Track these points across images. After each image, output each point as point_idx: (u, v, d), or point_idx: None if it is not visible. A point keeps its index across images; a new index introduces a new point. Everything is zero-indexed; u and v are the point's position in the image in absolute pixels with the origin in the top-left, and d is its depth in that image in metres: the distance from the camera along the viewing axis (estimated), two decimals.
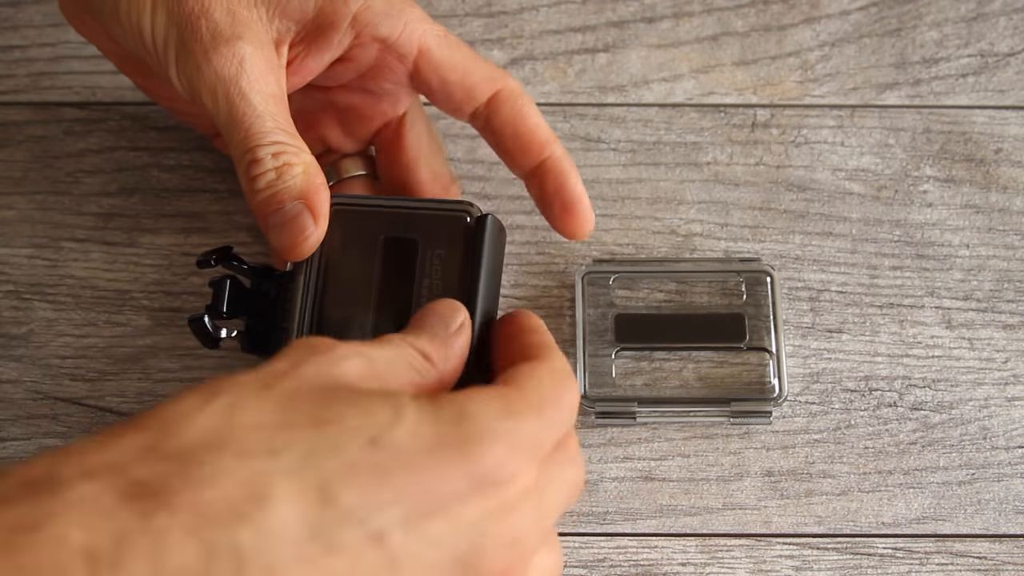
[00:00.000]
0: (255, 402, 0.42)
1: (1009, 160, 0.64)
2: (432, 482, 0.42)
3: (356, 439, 0.42)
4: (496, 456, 0.43)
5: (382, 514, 0.41)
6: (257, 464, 0.40)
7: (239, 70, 0.52)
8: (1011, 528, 0.58)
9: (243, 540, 0.39)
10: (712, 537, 0.58)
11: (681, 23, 0.67)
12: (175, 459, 0.40)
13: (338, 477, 0.41)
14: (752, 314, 0.61)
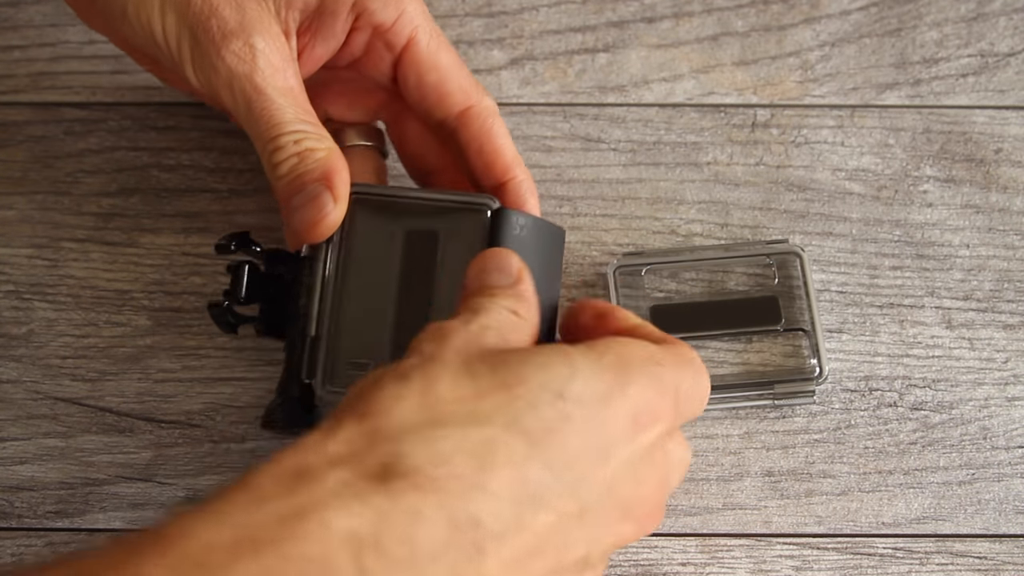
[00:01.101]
0: (450, 375, 0.44)
1: (1009, 160, 0.64)
2: (607, 427, 0.45)
3: (545, 395, 0.44)
4: (650, 396, 0.46)
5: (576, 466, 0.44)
6: (475, 434, 0.42)
7: (253, 66, 0.53)
8: (1011, 528, 0.58)
9: (481, 510, 0.41)
10: (712, 537, 0.58)
11: (681, 23, 0.67)
12: (404, 440, 0.41)
13: (539, 435, 0.43)
14: (785, 295, 0.61)
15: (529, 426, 0.43)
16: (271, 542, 0.37)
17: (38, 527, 0.58)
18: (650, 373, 0.47)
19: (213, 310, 0.55)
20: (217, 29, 0.53)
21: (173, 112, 0.64)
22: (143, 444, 0.59)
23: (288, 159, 0.53)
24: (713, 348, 0.61)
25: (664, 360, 0.48)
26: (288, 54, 0.54)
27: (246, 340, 0.60)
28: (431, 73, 0.57)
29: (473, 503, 0.41)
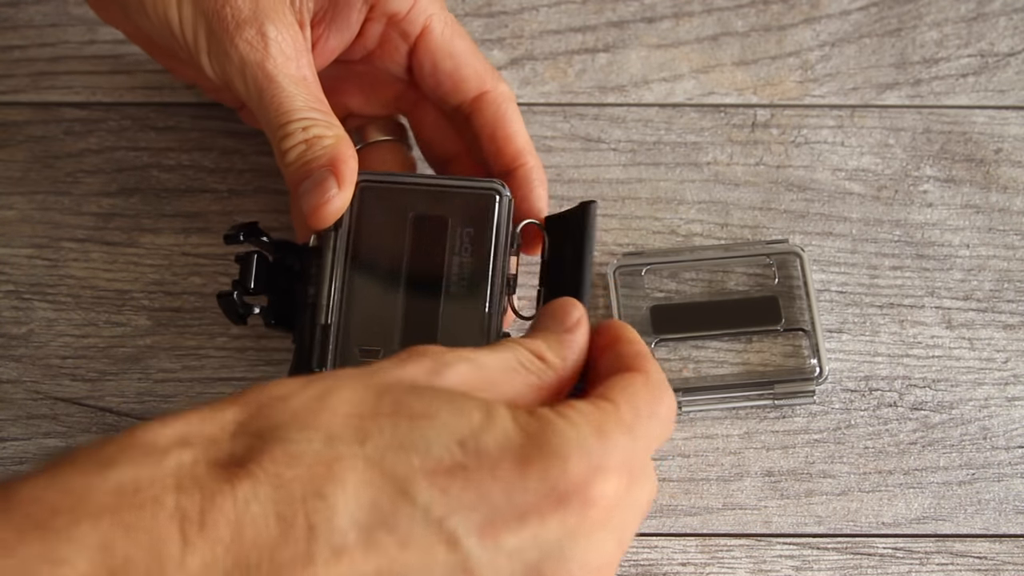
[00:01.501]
0: (351, 391, 0.43)
1: (1009, 160, 0.64)
2: (514, 493, 0.42)
3: (445, 438, 0.42)
4: (582, 474, 0.43)
5: (459, 516, 0.41)
6: (343, 448, 0.41)
7: (265, 53, 0.53)
8: (1011, 528, 0.58)
9: (317, 518, 0.40)
10: (712, 537, 0.58)
11: (681, 23, 0.67)
12: (266, 436, 0.42)
13: (420, 474, 0.42)
14: (785, 295, 0.61)
15: (411, 461, 0.42)
16: (109, 510, 0.39)
17: None
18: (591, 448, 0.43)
19: (223, 300, 0.55)
20: (231, 17, 0.53)
21: (173, 112, 0.64)
22: None
23: (296, 146, 0.53)
24: (713, 348, 0.61)
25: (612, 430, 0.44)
26: (302, 43, 0.55)
27: (246, 340, 0.60)
28: (446, 60, 0.57)
29: (312, 511, 0.41)
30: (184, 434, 0.42)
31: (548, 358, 0.47)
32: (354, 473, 0.41)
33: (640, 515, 0.46)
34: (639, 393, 0.46)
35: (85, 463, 0.41)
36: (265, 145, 0.64)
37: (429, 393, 0.43)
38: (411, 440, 0.42)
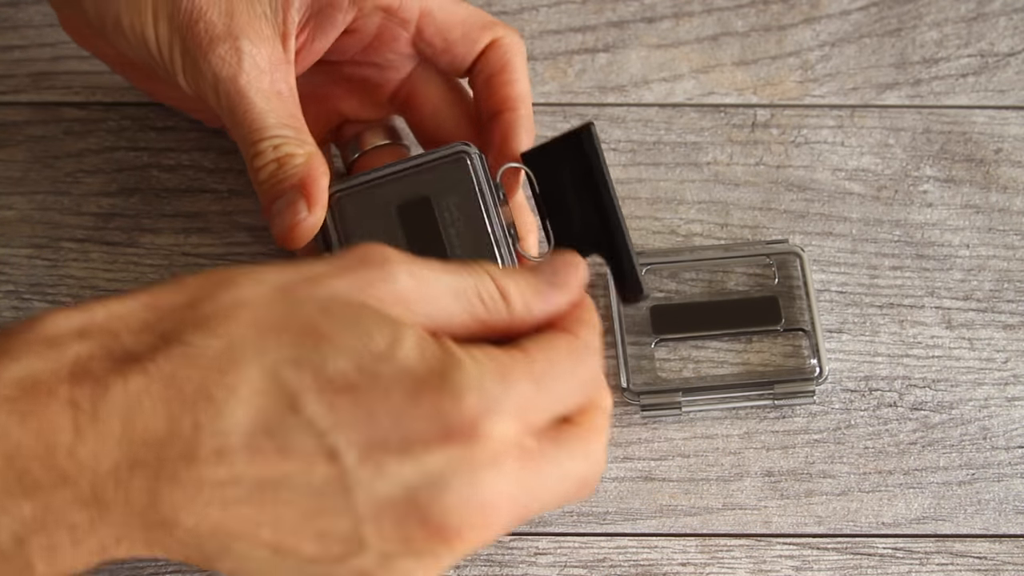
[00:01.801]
0: (265, 304, 0.44)
1: (1009, 160, 0.64)
2: (403, 420, 0.42)
3: (343, 359, 0.43)
4: (472, 409, 0.43)
5: (343, 434, 0.42)
6: (239, 356, 0.42)
7: (237, 68, 0.53)
8: (1011, 528, 0.58)
9: (204, 417, 0.42)
10: (712, 537, 0.58)
11: (681, 23, 0.67)
12: (168, 337, 0.43)
13: (311, 389, 0.42)
14: (785, 295, 0.61)
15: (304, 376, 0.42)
16: (8, 399, 0.42)
17: None
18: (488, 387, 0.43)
19: None
20: (204, 33, 0.53)
21: (173, 112, 0.64)
22: None
23: (267, 165, 0.53)
24: (713, 348, 0.61)
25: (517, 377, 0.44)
26: (279, 56, 0.54)
27: None
28: (455, 31, 0.56)
29: (200, 410, 0.42)
30: (85, 326, 0.43)
31: (512, 299, 0.47)
32: (246, 381, 0.42)
33: (559, 484, 0.46)
34: (559, 351, 0.46)
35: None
36: None
37: (341, 313, 0.44)
38: (309, 357, 0.43)
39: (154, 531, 0.42)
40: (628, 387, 0.59)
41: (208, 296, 0.44)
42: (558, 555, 0.57)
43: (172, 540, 0.43)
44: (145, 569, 0.57)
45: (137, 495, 0.42)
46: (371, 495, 0.42)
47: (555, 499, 0.46)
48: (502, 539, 0.57)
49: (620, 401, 0.59)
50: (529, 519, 0.46)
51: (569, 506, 0.58)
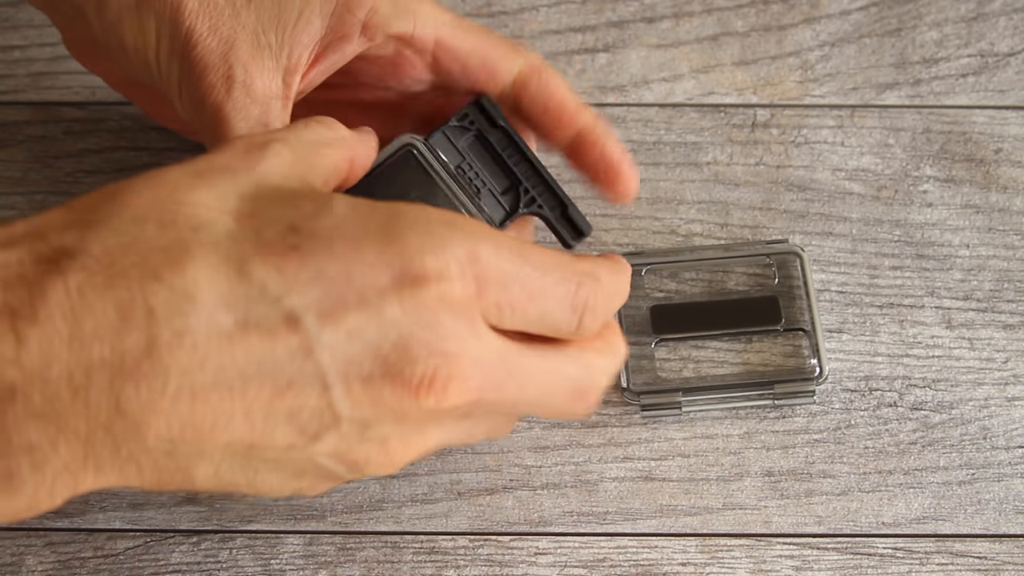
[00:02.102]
0: (187, 189, 0.42)
1: (1009, 160, 0.64)
2: (351, 271, 0.41)
3: (276, 227, 0.42)
4: (420, 252, 0.42)
5: (297, 295, 0.41)
6: (176, 234, 0.41)
7: (224, 97, 0.52)
8: (1011, 528, 0.58)
9: (155, 300, 0.40)
10: (712, 537, 0.58)
11: (681, 23, 0.67)
12: (96, 226, 0.41)
13: (254, 255, 0.41)
14: (785, 295, 0.61)
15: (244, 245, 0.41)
16: None
17: (38, 527, 0.58)
18: (433, 229, 0.43)
19: None
20: (200, 59, 0.53)
21: None
22: None
23: None
24: (713, 348, 0.61)
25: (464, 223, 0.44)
26: (275, 91, 0.53)
27: None
28: (472, 57, 0.56)
29: (149, 291, 0.40)
30: (7, 236, 0.42)
31: (335, 127, 0.48)
32: (189, 256, 0.41)
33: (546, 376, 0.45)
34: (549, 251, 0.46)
35: None
36: None
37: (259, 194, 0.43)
38: (242, 229, 0.42)
39: (123, 443, 0.40)
40: (628, 387, 0.59)
41: (128, 187, 0.42)
42: (558, 555, 0.57)
43: (143, 454, 0.40)
44: (145, 569, 0.57)
45: (97, 398, 0.39)
46: (336, 357, 0.41)
47: (540, 391, 0.46)
48: (502, 539, 0.57)
49: (620, 401, 0.59)
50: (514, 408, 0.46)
51: (569, 506, 0.58)
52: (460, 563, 0.57)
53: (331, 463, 0.44)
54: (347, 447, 0.43)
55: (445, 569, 0.56)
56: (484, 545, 0.57)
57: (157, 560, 0.57)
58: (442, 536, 0.57)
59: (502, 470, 0.58)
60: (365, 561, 0.57)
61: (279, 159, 0.45)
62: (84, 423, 0.39)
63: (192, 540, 0.57)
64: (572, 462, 0.58)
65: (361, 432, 0.43)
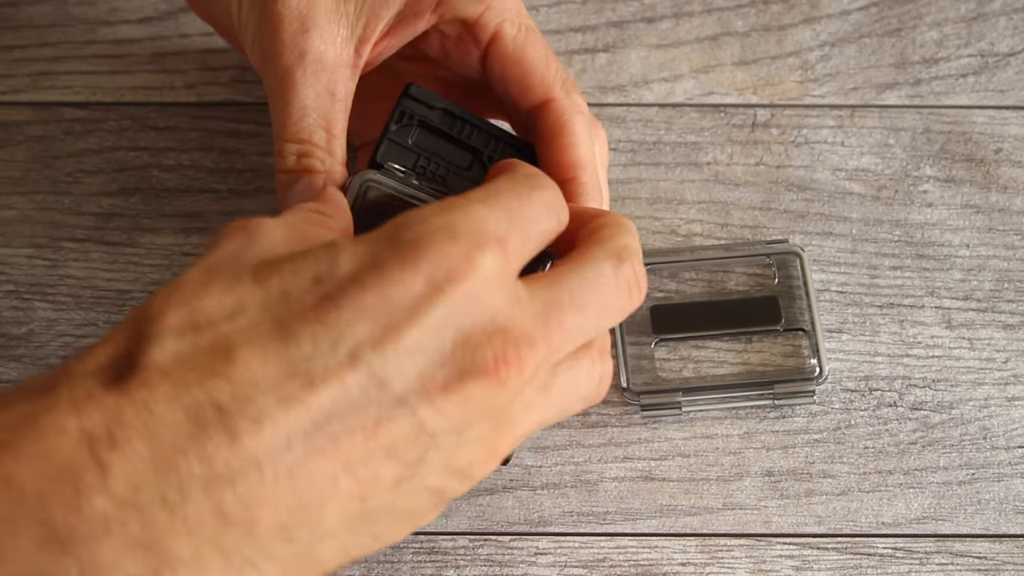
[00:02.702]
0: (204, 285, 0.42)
1: (1009, 160, 0.64)
2: (387, 294, 0.41)
3: (299, 283, 0.42)
4: (437, 248, 0.42)
5: (348, 336, 0.41)
6: (214, 330, 0.41)
7: (298, 61, 0.53)
8: (1011, 528, 0.58)
9: (221, 395, 0.40)
10: (712, 537, 0.58)
11: (681, 23, 0.67)
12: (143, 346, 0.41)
13: (293, 318, 0.41)
14: (785, 295, 0.61)
15: (279, 312, 0.41)
16: (8, 445, 0.38)
17: None
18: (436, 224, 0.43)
19: None
20: (278, 15, 0.53)
21: (173, 112, 0.64)
22: None
23: (288, 172, 0.53)
24: (713, 348, 0.61)
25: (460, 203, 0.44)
26: (347, 59, 0.54)
27: None
28: (515, 67, 0.55)
29: (214, 391, 0.40)
30: (67, 369, 0.41)
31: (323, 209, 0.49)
32: (234, 344, 0.41)
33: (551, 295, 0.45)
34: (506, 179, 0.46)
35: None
36: (266, 145, 0.64)
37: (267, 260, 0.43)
38: (271, 298, 0.42)
39: (234, 552, 0.39)
40: (628, 387, 0.59)
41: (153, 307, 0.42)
42: (558, 555, 0.57)
43: (259, 555, 0.40)
44: None
45: (197, 513, 0.38)
46: (407, 377, 0.41)
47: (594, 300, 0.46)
48: (501, 539, 0.57)
49: (620, 401, 0.59)
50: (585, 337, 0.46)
51: (569, 506, 0.58)
52: (460, 563, 0.57)
53: (440, 480, 0.44)
54: (450, 458, 0.43)
55: (445, 569, 0.57)
56: (484, 545, 0.57)
57: None
58: (442, 536, 0.57)
59: (502, 470, 0.58)
60: (365, 561, 0.57)
61: (275, 233, 0.45)
62: (188, 544, 0.39)
63: None
64: (572, 462, 0.58)
65: (459, 439, 0.43)
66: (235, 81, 0.65)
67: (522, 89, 0.56)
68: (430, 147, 0.55)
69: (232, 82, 0.65)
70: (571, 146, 0.55)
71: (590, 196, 0.55)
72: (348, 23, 0.54)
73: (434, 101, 0.55)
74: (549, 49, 0.56)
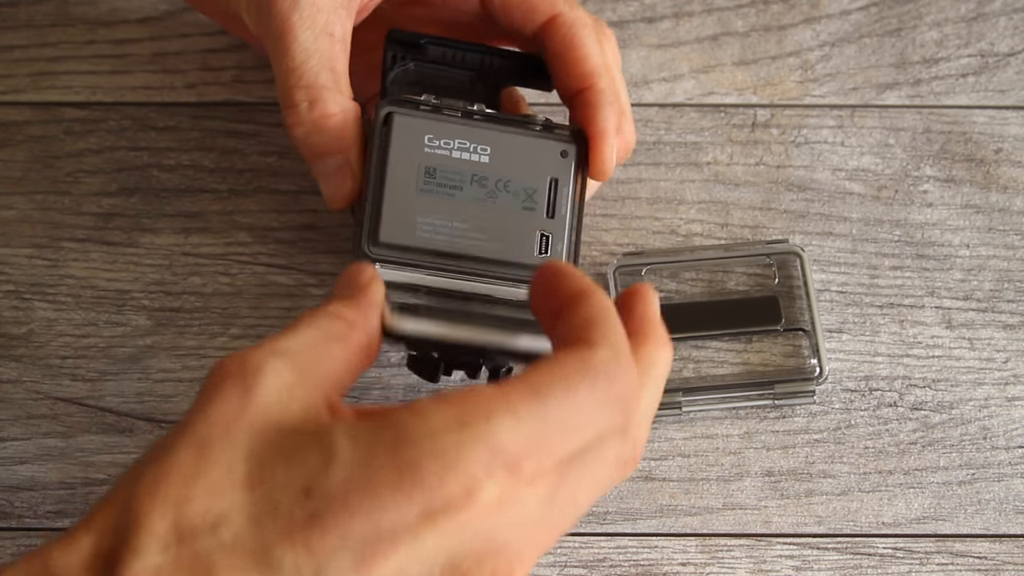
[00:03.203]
0: (193, 478, 0.40)
1: (1009, 160, 0.64)
2: (375, 520, 0.39)
3: (289, 493, 0.40)
4: (436, 477, 0.39)
5: (332, 563, 0.39)
6: (198, 544, 0.39)
7: (293, 5, 0.53)
8: (1011, 528, 0.58)
9: None
10: (712, 537, 0.58)
11: (681, 23, 0.67)
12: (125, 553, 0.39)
13: (278, 539, 0.39)
14: (785, 295, 0.61)
15: (266, 530, 0.40)
16: None
17: (38, 527, 0.58)
18: (445, 445, 0.40)
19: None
20: None
21: (173, 112, 0.64)
22: (143, 444, 0.59)
23: (301, 124, 0.53)
24: (713, 348, 0.61)
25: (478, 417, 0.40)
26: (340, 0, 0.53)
27: (246, 341, 0.60)
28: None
29: None
30: (46, 563, 0.40)
31: (347, 316, 0.45)
32: (216, 564, 0.39)
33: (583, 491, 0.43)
34: (557, 375, 0.41)
35: None
36: (266, 145, 0.64)
37: (260, 447, 0.41)
38: (258, 509, 0.40)
39: None
40: None
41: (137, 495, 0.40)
42: (558, 555, 0.57)
43: None
44: None
45: None
46: None
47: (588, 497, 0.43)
48: None
49: None
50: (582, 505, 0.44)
51: None
52: None
53: None
54: None
55: None
56: None
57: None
58: None
59: None
60: None
61: (278, 380, 0.42)
62: None
63: None
64: None
65: None
66: (235, 81, 0.65)
67: (524, 11, 0.56)
68: (429, 79, 0.56)
69: (232, 82, 0.65)
70: (583, 58, 0.55)
71: (607, 100, 0.55)
72: None
73: (417, 38, 0.56)
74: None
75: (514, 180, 0.55)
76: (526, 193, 0.55)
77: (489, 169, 0.55)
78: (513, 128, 0.55)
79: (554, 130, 0.56)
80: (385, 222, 0.53)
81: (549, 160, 0.55)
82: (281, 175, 0.63)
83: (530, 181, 0.55)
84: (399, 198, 0.54)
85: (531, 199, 0.55)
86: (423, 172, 0.54)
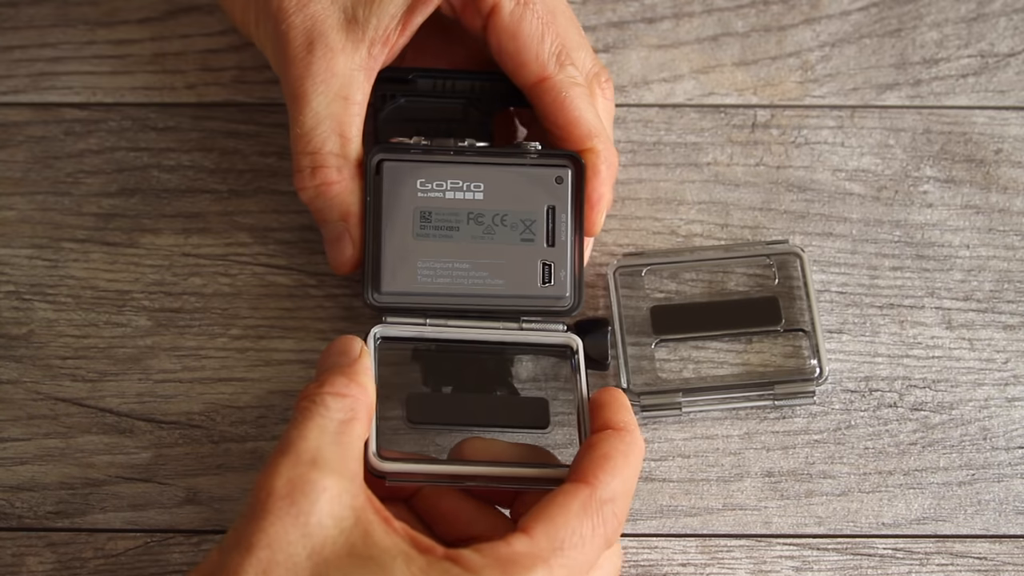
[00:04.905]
0: None
1: (1009, 160, 0.64)
2: None
3: None
4: None
5: None
6: None
7: (306, 72, 0.54)
8: (1011, 528, 0.58)
9: None
10: (712, 537, 0.58)
11: (681, 23, 0.67)
12: None
13: None
14: (785, 295, 0.61)
15: None
16: None
17: (38, 527, 0.58)
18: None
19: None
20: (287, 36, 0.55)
21: (173, 112, 0.64)
22: (143, 444, 0.59)
23: (307, 189, 0.55)
24: (713, 348, 0.61)
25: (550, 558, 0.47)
26: (358, 63, 0.55)
27: (246, 341, 0.60)
28: (510, 41, 0.56)
29: None
30: None
31: (352, 392, 0.49)
32: None
33: None
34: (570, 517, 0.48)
35: None
36: (266, 146, 0.64)
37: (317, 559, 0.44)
38: None
39: None
40: (628, 387, 0.59)
41: None
42: None
43: None
44: (145, 569, 0.57)
45: None
46: None
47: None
48: None
49: None
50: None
51: None
52: None
53: None
54: None
55: None
56: None
57: (157, 560, 0.57)
58: None
59: None
60: None
61: (328, 495, 0.46)
62: None
63: (192, 540, 0.57)
64: None
65: None
66: (235, 81, 0.65)
67: (516, 65, 0.57)
68: (423, 112, 0.57)
69: (232, 82, 0.65)
70: (576, 120, 0.56)
71: (603, 164, 0.56)
72: (360, 27, 0.55)
73: (405, 73, 0.57)
74: (546, 22, 0.56)
75: (511, 213, 0.55)
76: (524, 224, 0.55)
77: (484, 205, 0.55)
78: (505, 160, 0.55)
79: (548, 156, 0.56)
80: (385, 270, 0.55)
81: (544, 188, 0.56)
82: (281, 175, 0.63)
83: (527, 212, 0.55)
84: (397, 245, 0.55)
85: (529, 230, 0.55)
86: (418, 217, 0.55)
